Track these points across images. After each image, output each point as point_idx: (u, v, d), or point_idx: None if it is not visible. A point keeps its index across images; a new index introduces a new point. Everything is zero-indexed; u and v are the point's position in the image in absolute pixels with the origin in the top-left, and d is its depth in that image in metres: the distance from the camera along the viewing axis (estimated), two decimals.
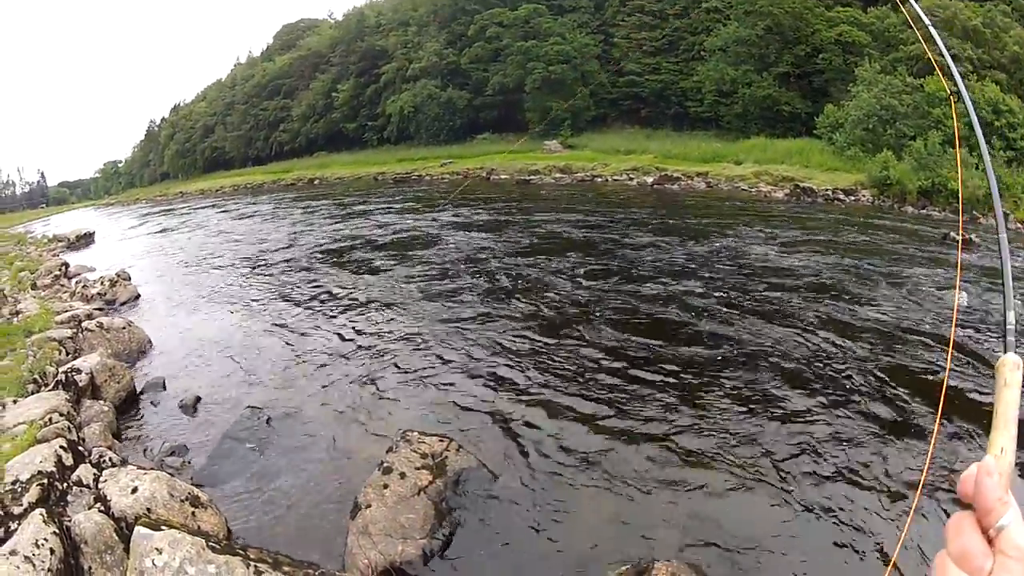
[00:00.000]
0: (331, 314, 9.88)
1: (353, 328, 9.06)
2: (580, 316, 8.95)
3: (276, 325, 9.58)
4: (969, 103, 1.83)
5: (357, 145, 58.55)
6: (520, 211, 21.06)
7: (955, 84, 1.96)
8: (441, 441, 5.15)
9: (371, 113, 57.53)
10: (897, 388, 6.31)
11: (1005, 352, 0.89)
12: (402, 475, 4.60)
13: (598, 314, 8.99)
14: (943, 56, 2.09)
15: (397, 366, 7.44)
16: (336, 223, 21.25)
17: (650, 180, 29.21)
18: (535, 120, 42.49)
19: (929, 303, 9.23)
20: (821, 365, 6.95)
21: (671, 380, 6.66)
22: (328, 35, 68.89)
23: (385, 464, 4.73)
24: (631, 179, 30.60)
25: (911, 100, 24.12)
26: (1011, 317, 1.03)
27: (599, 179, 31.89)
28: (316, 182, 47.80)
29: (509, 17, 46.08)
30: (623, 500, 4.71)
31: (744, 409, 5.94)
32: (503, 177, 35.04)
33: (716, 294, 9.72)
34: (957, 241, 13.54)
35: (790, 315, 8.65)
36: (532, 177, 33.94)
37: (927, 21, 2.34)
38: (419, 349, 7.94)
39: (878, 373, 6.68)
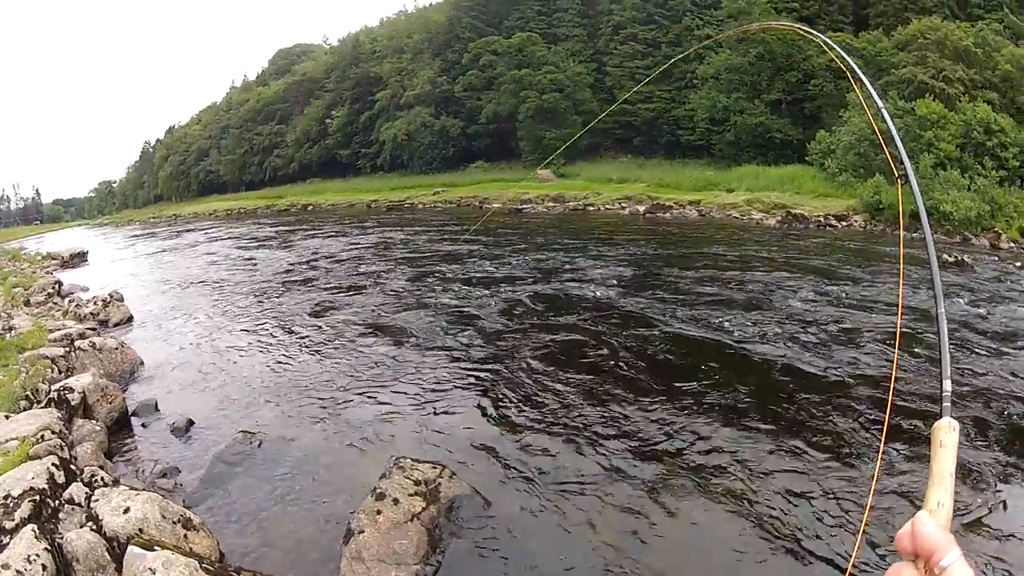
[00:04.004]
0: (325, 339, 9.86)
1: (347, 354, 9.04)
2: (573, 344, 8.98)
3: (269, 349, 9.57)
4: (915, 184, 1.70)
5: (351, 172, 58.87)
6: (513, 240, 21.16)
7: (903, 166, 1.84)
8: (434, 468, 5.13)
9: (365, 140, 57.91)
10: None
11: (941, 416, 0.96)
12: (395, 501, 4.58)
13: (591, 342, 9.02)
14: (892, 134, 1.97)
15: (390, 392, 7.41)
16: (329, 249, 21.29)
17: (642, 209, 29.52)
18: (528, 149, 42.75)
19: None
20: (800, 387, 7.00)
21: (664, 403, 6.67)
22: (323, 61, 69.62)
23: (378, 490, 4.69)
24: (623, 208, 30.89)
25: (903, 124, 24.43)
26: (947, 385, 1.08)
27: (591, 208, 32.11)
28: (310, 208, 48.02)
29: (503, 45, 46.59)
30: (618, 526, 4.68)
31: (746, 436, 5.96)
32: (496, 206, 35.23)
33: (692, 322, 9.78)
34: (948, 262, 13.81)
35: (771, 340, 8.71)
36: (525, 206, 34.18)
37: (880, 104, 2.23)
38: (413, 376, 7.92)
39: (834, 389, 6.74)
